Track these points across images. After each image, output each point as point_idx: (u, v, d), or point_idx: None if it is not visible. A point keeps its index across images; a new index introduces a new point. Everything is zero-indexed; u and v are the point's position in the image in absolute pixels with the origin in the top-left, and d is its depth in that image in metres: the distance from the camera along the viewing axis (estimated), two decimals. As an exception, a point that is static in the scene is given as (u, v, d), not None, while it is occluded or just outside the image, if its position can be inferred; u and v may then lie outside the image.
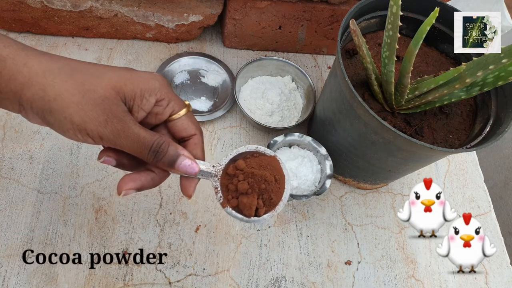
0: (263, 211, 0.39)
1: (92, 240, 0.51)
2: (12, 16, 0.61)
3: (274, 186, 0.40)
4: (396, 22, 0.40)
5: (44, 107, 0.32)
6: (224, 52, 0.70)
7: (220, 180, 0.39)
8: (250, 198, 0.39)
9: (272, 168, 0.40)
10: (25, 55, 0.33)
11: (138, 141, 0.34)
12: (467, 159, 0.67)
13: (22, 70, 0.32)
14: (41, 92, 0.32)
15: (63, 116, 0.32)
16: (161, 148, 0.35)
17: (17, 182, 0.53)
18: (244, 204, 0.39)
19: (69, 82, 0.32)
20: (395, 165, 0.50)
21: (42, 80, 0.32)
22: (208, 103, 0.64)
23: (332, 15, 0.65)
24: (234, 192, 0.39)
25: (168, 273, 0.51)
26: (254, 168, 0.39)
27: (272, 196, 0.40)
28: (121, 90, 0.34)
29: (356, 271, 0.55)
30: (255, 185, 0.39)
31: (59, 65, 0.33)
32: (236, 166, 0.39)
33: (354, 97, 0.42)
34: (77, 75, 0.33)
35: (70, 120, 0.32)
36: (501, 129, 0.44)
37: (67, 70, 0.33)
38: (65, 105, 0.32)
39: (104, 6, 0.60)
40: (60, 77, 0.33)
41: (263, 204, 0.39)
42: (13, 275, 0.48)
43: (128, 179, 0.36)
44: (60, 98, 0.32)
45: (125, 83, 0.34)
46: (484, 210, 0.63)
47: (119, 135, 0.33)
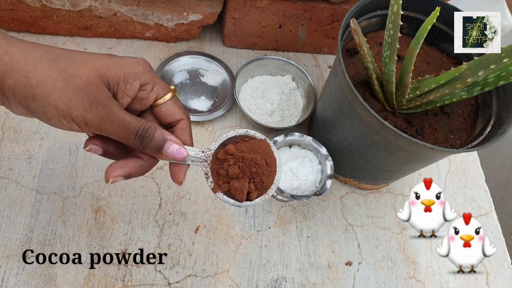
0: (255, 195, 0.39)
1: (91, 240, 0.51)
2: (11, 16, 0.61)
3: (265, 169, 0.39)
4: (397, 21, 0.40)
5: (27, 94, 0.32)
6: (224, 52, 0.70)
7: (210, 165, 0.38)
8: (241, 182, 0.38)
9: (262, 152, 0.39)
10: (6, 43, 0.32)
11: (124, 126, 0.33)
12: (468, 159, 0.67)
13: (3, 57, 0.31)
14: (24, 79, 0.31)
15: (47, 103, 0.32)
16: (147, 133, 0.34)
17: (16, 182, 0.53)
18: (235, 189, 0.38)
19: (51, 68, 0.32)
20: (396, 165, 0.50)
21: (24, 67, 0.32)
22: (208, 102, 0.63)
23: (333, 14, 0.65)
24: (225, 177, 0.38)
25: (167, 274, 0.51)
26: (245, 152, 0.39)
27: (264, 180, 0.39)
28: (105, 75, 0.33)
29: (357, 271, 0.55)
30: (246, 169, 0.38)
31: (41, 51, 0.33)
32: (226, 151, 0.39)
33: (355, 96, 0.42)
34: (59, 61, 0.32)
35: (55, 106, 0.32)
36: (503, 129, 0.44)
37: (49, 56, 0.32)
38: (49, 91, 0.31)
39: (103, 5, 0.60)
40: (42, 63, 0.32)
41: (255, 188, 0.39)
42: (12, 275, 0.48)
43: (115, 166, 0.35)
44: (43, 84, 0.31)
45: (108, 68, 0.34)
46: (485, 210, 0.63)
47: (104, 120, 0.33)
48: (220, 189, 0.38)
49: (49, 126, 0.36)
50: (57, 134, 0.57)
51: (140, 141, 0.34)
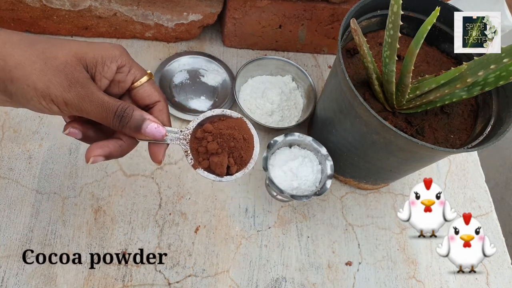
0: (235, 169, 0.40)
1: (91, 240, 0.51)
2: (10, 16, 0.61)
3: (243, 144, 0.40)
4: (397, 21, 0.40)
5: (5, 76, 0.32)
6: (224, 52, 0.70)
7: (190, 144, 0.39)
8: (221, 157, 0.39)
9: (239, 128, 0.40)
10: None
11: (103, 106, 0.34)
12: (468, 159, 0.67)
13: None
14: (1, 62, 0.31)
15: (26, 84, 0.32)
16: (125, 112, 0.34)
17: (16, 182, 0.53)
18: (215, 164, 0.39)
19: (29, 51, 0.32)
20: (396, 165, 0.50)
21: (1, 51, 0.32)
22: (208, 102, 0.63)
23: (333, 14, 0.65)
24: (205, 154, 0.39)
25: (167, 274, 0.51)
26: (222, 129, 0.40)
27: (242, 154, 0.40)
28: (83, 58, 0.34)
29: (357, 271, 0.55)
30: (224, 144, 0.39)
31: (18, 37, 0.33)
32: (204, 129, 0.40)
33: (355, 96, 0.42)
34: (37, 44, 0.33)
35: (34, 87, 0.32)
36: (503, 129, 0.44)
37: (26, 41, 0.33)
38: (27, 73, 0.32)
39: (103, 5, 0.60)
40: (20, 47, 0.32)
41: (234, 163, 0.40)
42: (12, 275, 0.48)
43: (95, 146, 0.35)
44: (21, 66, 0.32)
45: (85, 51, 0.34)
46: (485, 210, 0.63)
47: (84, 100, 0.33)
48: (200, 165, 0.39)
49: (49, 126, 0.37)
50: (57, 134, 0.57)
51: (119, 120, 0.34)
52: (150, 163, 0.57)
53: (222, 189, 0.57)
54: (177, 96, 0.63)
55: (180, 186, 0.57)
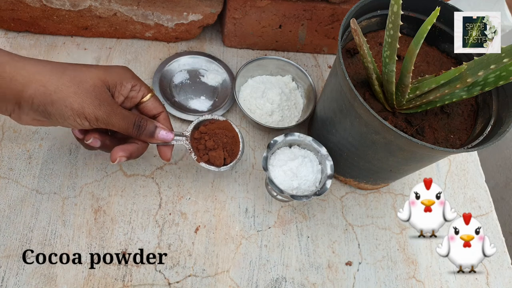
0: (229, 160, 0.52)
1: (91, 240, 0.51)
2: (10, 16, 0.61)
3: (232, 140, 0.52)
4: (397, 21, 0.40)
5: (46, 100, 0.38)
6: (224, 52, 0.70)
7: (191, 143, 0.50)
8: (218, 151, 0.51)
9: (226, 128, 0.52)
10: (20, 60, 0.39)
11: (124, 119, 0.42)
12: (468, 159, 0.67)
13: (21, 72, 0.38)
14: (42, 88, 0.38)
15: (64, 105, 0.38)
16: (141, 123, 0.44)
17: (16, 182, 0.53)
18: (214, 157, 0.50)
19: (63, 77, 0.39)
20: (396, 165, 0.50)
21: (41, 78, 0.38)
22: (208, 102, 0.63)
23: (333, 14, 0.65)
24: (204, 150, 0.51)
25: (167, 274, 0.51)
26: (214, 130, 0.51)
27: (233, 148, 0.52)
28: (105, 80, 0.41)
29: (357, 271, 0.55)
30: (219, 141, 0.51)
31: (50, 66, 0.40)
32: (200, 131, 0.51)
33: (355, 96, 0.42)
34: (67, 71, 0.40)
35: (71, 108, 0.39)
36: (503, 129, 0.44)
37: (58, 69, 0.39)
38: (65, 96, 0.38)
39: (103, 5, 0.60)
40: (55, 74, 0.39)
41: (228, 155, 0.52)
42: (12, 275, 0.48)
43: (119, 149, 0.44)
44: (59, 90, 0.38)
45: (106, 74, 0.42)
46: (485, 210, 0.63)
47: (110, 115, 0.41)
48: (202, 159, 0.50)
49: (49, 126, 0.43)
50: (57, 134, 0.57)
51: (137, 129, 0.44)
52: (150, 163, 0.57)
53: (222, 189, 0.57)
54: (177, 96, 0.63)
55: (180, 186, 0.57)
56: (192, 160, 0.58)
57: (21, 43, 0.64)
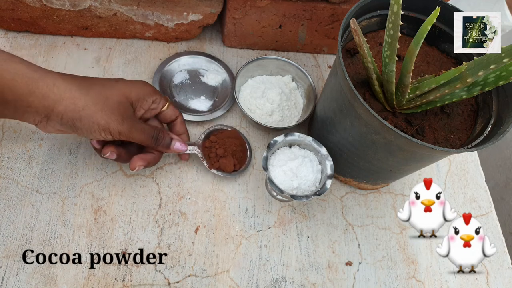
0: (238, 167, 0.56)
1: (91, 240, 0.51)
2: (10, 15, 0.61)
3: (240, 148, 0.57)
4: (397, 21, 0.40)
5: (74, 116, 0.41)
6: (224, 52, 0.70)
7: (202, 151, 0.55)
8: (228, 158, 0.55)
9: (235, 137, 0.58)
10: (52, 76, 0.41)
11: (144, 133, 0.46)
12: (468, 159, 0.67)
13: (53, 89, 0.40)
14: (72, 105, 0.41)
15: (92, 121, 0.42)
16: (159, 136, 0.49)
17: (16, 182, 0.53)
18: (225, 164, 0.55)
19: (90, 94, 0.42)
20: (396, 165, 0.50)
21: (70, 95, 0.41)
22: (208, 102, 0.63)
23: (333, 14, 0.65)
24: (214, 158, 0.55)
25: (167, 274, 0.51)
26: (224, 138, 0.56)
27: (242, 155, 0.57)
28: (129, 96, 0.45)
29: (357, 272, 0.55)
30: (228, 149, 0.56)
31: (78, 82, 0.42)
32: (211, 140, 0.56)
33: (355, 96, 0.42)
34: (94, 87, 0.43)
35: (97, 123, 0.42)
36: (503, 129, 0.44)
37: (86, 85, 0.42)
38: (92, 113, 0.42)
39: (103, 5, 0.60)
40: (83, 91, 0.42)
41: (237, 162, 0.56)
42: (12, 275, 0.48)
43: (138, 158, 0.49)
44: (87, 107, 0.41)
45: (130, 91, 0.46)
46: (485, 210, 0.63)
47: (132, 130, 0.45)
48: (213, 167, 0.55)
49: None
50: (57, 134, 0.57)
51: (155, 141, 0.48)
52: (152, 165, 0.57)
53: (222, 189, 0.57)
54: (177, 96, 0.63)
55: (180, 186, 0.57)
56: (192, 160, 0.58)
57: (21, 43, 0.64)
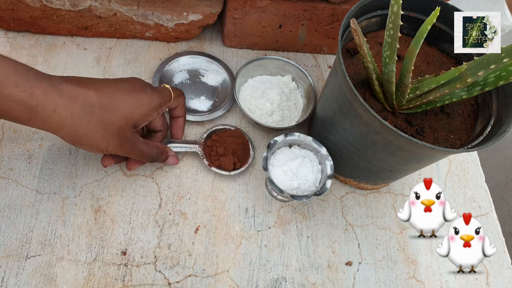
0: (239, 165, 0.57)
1: (91, 240, 0.51)
2: (10, 15, 0.61)
3: (242, 147, 0.58)
4: (397, 21, 0.40)
5: (75, 141, 0.43)
6: (224, 52, 0.70)
7: (203, 150, 0.56)
8: (228, 157, 0.56)
9: (238, 136, 0.58)
10: (51, 101, 0.39)
11: (142, 154, 0.48)
12: (468, 159, 0.67)
13: (53, 116, 0.39)
14: (73, 132, 0.41)
15: (91, 146, 0.43)
16: (157, 157, 0.51)
17: (16, 182, 0.53)
18: (224, 162, 0.56)
19: (92, 120, 0.41)
20: (396, 165, 0.50)
21: (71, 123, 0.41)
22: (208, 102, 0.63)
23: (333, 14, 0.65)
24: (215, 156, 0.56)
25: (167, 274, 0.51)
26: (225, 137, 0.57)
27: (243, 154, 0.57)
28: (132, 118, 0.45)
29: (357, 271, 0.55)
30: (229, 148, 0.57)
31: (80, 105, 0.41)
32: (213, 139, 0.57)
33: (355, 96, 0.42)
34: (96, 111, 0.42)
35: (97, 147, 0.44)
36: (503, 129, 0.44)
37: (87, 110, 0.41)
38: (93, 139, 0.42)
39: (103, 5, 0.60)
40: (85, 117, 0.41)
41: (238, 160, 0.57)
42: (12, 275, 0.48)
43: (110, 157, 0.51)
44: (88, 135, 0.42)
45: (134, 111, 0.45)
46: (485, 210, 0.63)
47: (130, 152, 0.47)
48: (213, 164, 0.56)
49: None
50: (57, 134, 0.57)
51: (152, 160, 0.51)
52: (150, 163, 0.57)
53: (222, 189, 0.57)
54: (177, 96, 0.63)
55: (180, 186, 0.57)
56: (192, 160, 0.58)
57: (21, 43, 0.64)
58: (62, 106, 0.40)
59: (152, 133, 0.54)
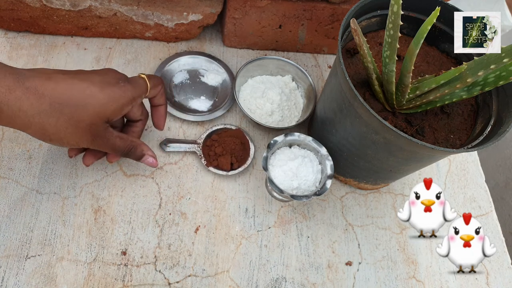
0: (237, 166, 0.57)
1: (91, 240, 0.51)
2: (10, 15, 0.61)
3: (241, 147, 0.58)
4: (397, 21, 0.40)
5: (44, 138, 0.41)
6: (224, 52, 0.70)
7: (202, 149, 0.57)
8: (225, 157, 0.56)
9: (238, 136, 0.58)
10: (16, 99, 0.37)
11: (114, 149, 0.46)
12: (468, 159, 0.67)
13: (19, 114, 0.37)
14: (41, 130, 0.39)
15: (62, 142, 0.42)
16: (131, 151, 0.48)
17: (16, 182, 0.53)
18: (222, 162, 0.56)
19: (61, 118, 0.39)
20: (396, 165, 0.50)
21: (39, 121, 0.38)
22: (208, 102, 0.63)
23: (333, 14, 0.65)
24: (213, 156, 0.57)
25: (167, 274, 0.51)
26: (225, 137, 0.58)
27: (242, 154, 0.58)
28: (104, 115, 0.42)
29: (357, 271, 0.55)
30: (227, 148, 0.57)
31: (48, 103, 0.38)
32: (212, 139, 0.58)
33: (355, 96, 0.42)
34: (66, 110, 0.39)
35: (67, 143, 0.42)
36: (503, 129, 0.44)
37: (56, 107, 0.39)
38: (63, 136, 0.41)
39: (103, 5, 0.60)
40: (53, 115, 0.39)
41: (236, 161, 0.57)
42: (12, 275, 0.48)
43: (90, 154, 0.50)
44: (57, 133, 0.40)
45: (106, 107, 0.42)
46: (485, 210, 0.63)
47: (101, 147, 0.45)
48: (211, 164, 0.56)
49: None
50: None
51: (126, 155, 0.49)
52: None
53: (222, 189, 0.57)
54: (177, 96, 0.63)
55: (180, 186, 0.57)
56: (192, 160, 0.58)
57: (21, 43, 0.64)
58: (28, 104, 0.37)
59: (132, 123, 0.51)
